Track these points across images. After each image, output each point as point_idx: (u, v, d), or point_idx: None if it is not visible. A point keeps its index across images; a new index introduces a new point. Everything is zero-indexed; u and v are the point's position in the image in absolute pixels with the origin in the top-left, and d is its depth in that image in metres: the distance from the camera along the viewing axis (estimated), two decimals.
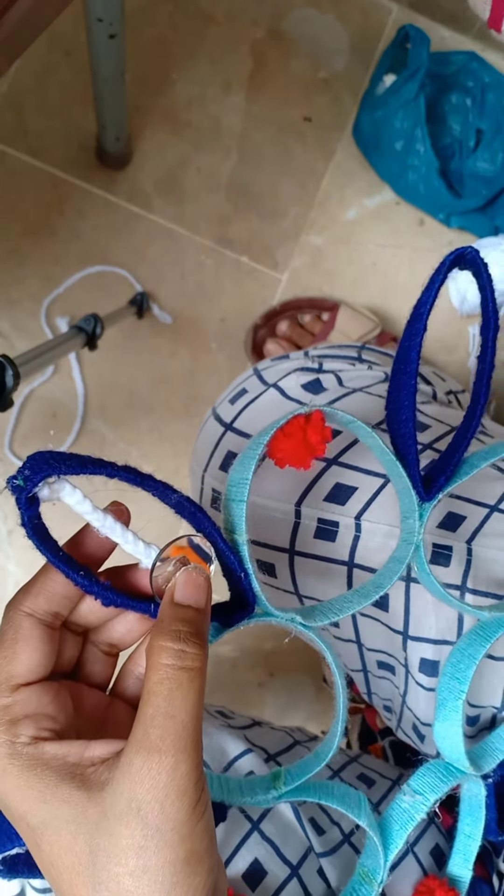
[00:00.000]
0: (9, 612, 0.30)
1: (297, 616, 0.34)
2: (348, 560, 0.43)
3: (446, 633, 0.43)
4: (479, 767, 0.40)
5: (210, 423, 0.52)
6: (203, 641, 0.28)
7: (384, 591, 0.35)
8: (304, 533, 0.44)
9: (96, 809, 0.26)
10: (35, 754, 0.27)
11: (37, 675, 0.29)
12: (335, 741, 0.36)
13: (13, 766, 0.27)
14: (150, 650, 0.28)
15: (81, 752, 0.28)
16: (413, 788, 0.39)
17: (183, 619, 0.28)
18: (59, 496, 0.29)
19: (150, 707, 0.27)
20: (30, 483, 0.28)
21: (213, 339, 1.07)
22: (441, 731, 0.38)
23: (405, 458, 0.35)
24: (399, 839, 0.38)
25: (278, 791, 0.36)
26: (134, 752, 0.26)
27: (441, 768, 0.40)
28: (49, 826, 0.27)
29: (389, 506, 0.43)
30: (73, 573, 0.29)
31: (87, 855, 0.26)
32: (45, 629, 0.30)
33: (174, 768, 0.26)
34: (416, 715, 0.47)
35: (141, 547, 0.31)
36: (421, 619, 0.43)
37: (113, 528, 0.30)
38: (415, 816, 0.39)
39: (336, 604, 0.35)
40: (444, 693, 0.37)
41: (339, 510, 0.44)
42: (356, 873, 0.41)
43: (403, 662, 0.46)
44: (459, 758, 0.39)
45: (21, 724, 0.28)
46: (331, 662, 0.35)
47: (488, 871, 0.49)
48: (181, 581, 0.30)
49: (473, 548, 0.42)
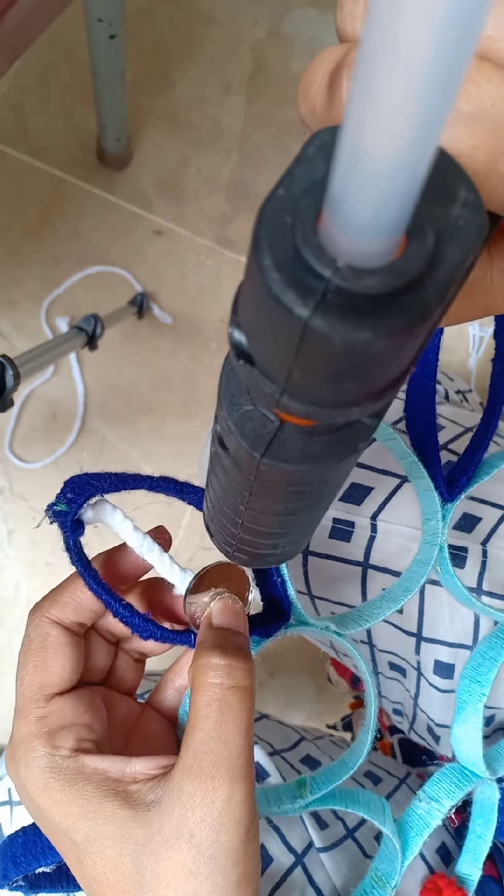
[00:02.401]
0: (34, 619, 0.30)
1: (331, 625, 0.34)
2: (363, 561, 0.43)
3: (462, 635, 0.43)
4: (494, 771, 0.40)
5: None
6: (250, 658, 0.27)
7: (411, 595, 0.35)
8: (319, 533, 0.44)
9: (143, 830, 0.25)
10: (76, 768, 0.27)
11: (69, 683, 0.29)
12: (364, 749, 0.35)
13: (55, 780, 0.27)
14: (195, 670, 0.27)
15: (123, 769, 0.27)
16: (429, 794, 0.39)
17: (225, 637, 0.28)
18: (101, 518, 0.29)
19: (199, 731, 0.26)
20: (74, 505, 0.27)
21: (213, 339, 1.07)
22: (459, 733, 0.38)
23: (427, 459, 0.35)
24: (415, 846, 0.38)
25: (305, 799, 0.35)
26: (185, 779, 0.25)
27: (456, 773, 0.40)
28: (94, 843, 0.26)
29: (405, 507, 0.43)
30: (116, 604, 0.29)
31: (134, 875, 0.25)
32: (73, 637, 0.29)
33: (229, 797, 0.25)
34: (431, 717, 0.47)
35: (177, 572, 0.30)
36: (436, 622, 0.43)
37: (151, 549, 0.30)
38: (430, 823, 0.38)
39: (366, 610, 0.35)
40: (464, 696, 0.37)
41: (354, 510, 0.44)
42: (368, 876, 0.41)
43: (416, 665, 0.46)
44: (476, 761, 0.38)
45: (59, 736, 0.27)
46: (364, 672, 0.35)
47: (499, 870, 0.50)
48: (217, 609, 0.29)
49: (488, 549, 0.42)
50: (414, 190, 0.11)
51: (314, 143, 0.14)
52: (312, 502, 0.21)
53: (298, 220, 0.12)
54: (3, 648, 1.04)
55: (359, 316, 0.12)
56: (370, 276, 0.12)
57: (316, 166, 0.13)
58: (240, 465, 0.19)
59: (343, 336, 0.12)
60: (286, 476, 0.18)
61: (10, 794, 0.45)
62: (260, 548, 0.25)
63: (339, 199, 0.11)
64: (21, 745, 0.28)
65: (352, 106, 0.10)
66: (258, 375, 0.15)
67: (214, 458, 0.22)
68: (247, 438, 0.18)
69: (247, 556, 0.26)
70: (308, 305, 0.12)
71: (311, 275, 0.12)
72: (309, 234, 0.12)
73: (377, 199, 0.11)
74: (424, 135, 0.10)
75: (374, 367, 0.14)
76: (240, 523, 0.23)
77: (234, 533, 0.24)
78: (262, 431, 0.18)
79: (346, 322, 0.12)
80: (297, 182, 0.13)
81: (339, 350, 0.13)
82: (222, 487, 0.22)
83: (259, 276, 0.13)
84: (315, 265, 0.12)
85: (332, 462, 0.18)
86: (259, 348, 0.15)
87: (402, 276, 0.12)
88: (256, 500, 0.21)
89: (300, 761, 0.48)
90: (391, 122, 0.10)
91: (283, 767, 0.46)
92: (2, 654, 1.04)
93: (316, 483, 0.19)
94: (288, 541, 0.25)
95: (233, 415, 0.18)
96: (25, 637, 0.30)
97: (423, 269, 0.12)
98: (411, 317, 0.12)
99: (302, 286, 0.12)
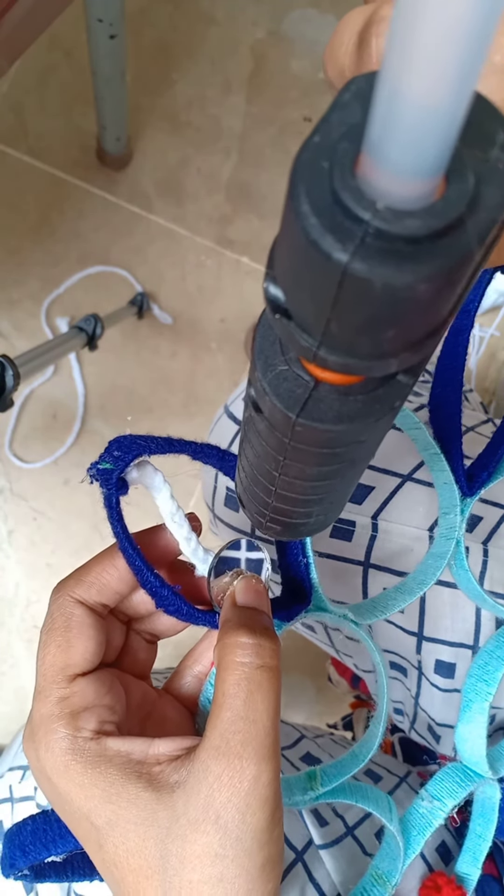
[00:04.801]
0: (58, 597, 0.29)
1: (349, 613, 0.33)
2: (364, 560, 0.43)
3: (463, 635, 0.43)
4: (496, 771, 0.40)
5: (223, 421, 0.52)
6: (277, 638, 0.27)
7: (427, 588, 0.35)
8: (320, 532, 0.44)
9: (167, 813, 0.25)
10: (98, 750, 0.26)
11: (91, 664, 0.28)
12: (376, 741, 0.35)
13: (76, 762, 0.26)
14: (222, 649, 0.27)
15: (146, 750, 0.27)
16: (431, 794, 0.39)
17: (251, 616, 0.28)
18: (143, 479, 0.28)
19: (227, 710, 0.25)
20: (121, 463, 0.27)
21: (213, 339, 1.07)
22: (464, 732, 0.38)
23: (449, 452, 0.35)
24: (417, 845, 0.38)
25: (316, 791, 0.35)
26: (212, 759, 0.25)
27: (459, 772, 0.39)
28: (116, 826, 0.25)
29: (406, 506, 0.43)
30: (148, 573, 0.28)
31: (158, 859, 0.25)
32: (96, 618, 0.29)
33: (256, 777, 0.24)
34: (432, 716, 0.47)
35: (200, 552, 0.30)
36: (437, 621, 0.43)
37: (182, 523, 0.30)
38: (433, 822, 0.38)
39: (382, 601, 0.35)
40: (470, 694, 0.37)
41: (355, 509, 0.44)
42: (368, 874, 0.41)
43: (416, 664, 0.46)
44: (479, 761, 0.38)
45: (81, 717, 0.27)
46: (378, 663, 0.35)
47: (498, 869, 0.50)
48: (241, 588, 0.29)
49: (489, 549, 0.42)
50: (453, 130, 0.11)
51: (350, 89, 0.13)
52: (347, 465, 0.21)
53: (336, 164, 0.12)
54: (2, 648, 1.04)
55: (399, 259, 0.12)
56: (410, 217, 0.12)
57: (352, 112, 0.13)
58: (274, 426, 0.19)
59: (384, 280, 0.12)
60: (322, 436, 0.18)
61: (11, 791, 0.45)
62: (293, 516, 0.25)
63: (380, 140, 0.11)
64: (41, 726, 0.27)
65: (391, 49, 0.10)
66: (295, 328, 0.15)
67: (248, 424, 0.22)
68: (282, 399, 0.18)
69: (280, 527, 0.26)
70: (347, 249, 0.12)
71: (350, 219, 0.12)
72: (347, 177, 0.12)
73: (418, 138, 0.11)
74: (463, 74, 0.10)
75: (414, 313, 0.13)
76: (273, 490, 0.23)
77: (266, 502, 0.24)
78: (298, 391, 0.17)
79: (387, 265, 0.12)
80: (334, 128, 0.13)
81: (379, 295, 0.12)
82: (256, 454, 0.22)
83: (297, 222, 0.12)
84: (354, 208, 0.12)
85: (369, 421, 0.18)
86: (296, 300, 0.15)
87: (442, 218, 0.12)
88: (291, 465, 0.20)
89: (300, 759, 0.48)
90: (431, 62, 0.10)
91: (283, 765, 0.46)
92: (2, 655, 1.04)
93: (352, 444, 0.19)
94: (321, 509, 0.24)
95: (267, 375, 0.18)
96: (48, 616, 0.29)
97: (463, 211, 0.12)
98: (453, 259, 0.12)
99: (341, 230, 0.12)
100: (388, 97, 0.11)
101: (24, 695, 1.04)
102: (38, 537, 1.04)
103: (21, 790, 0.45)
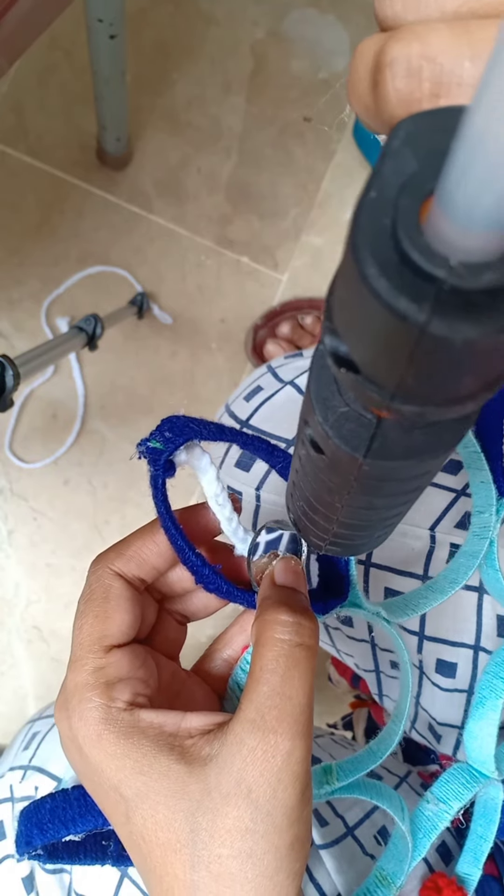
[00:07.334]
0: (97, 569, 0.29)
1: (382, 610, 0.33)
2: (365, 560, 0.43)
3: (465, 635, 0.43)
4: (501, 771, 0.40)
5: (225, 420, 0.52)
6: (315, 619, 0.27)
7: (458, 587, 0.35)
8: None
9: (198, 786, 0.25)
10: (131, 721, 0.26)
11: (127, 637, 0.28)
12: (395, 738, 0.35)
13: (109, 732, 0.26)
14: (261, 625, 0.27)
15: (178, 723, 0.27)
16: (437, 796, 0.39)
17: (290, 595, 0.28)
18: (192, 461, 0.29)
19: (264, 685, 0.25)
20: (171, 445, 0.27)
21: (213, 339, 1.07)
22: (474, 729, 0.38)
23: (488, 451, 0.34)
24: (423, 847, 0.38)
25: (332, 786, 0.35)
26: (246, 732, 0.25)
27: (465, 774, 0.39)
28: (146, 799, 0.25)
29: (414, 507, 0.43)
30: (189, 551, 0.28)
31: (188, 833, 0.25)
32: (133, 591, 0.29)
33: (290, 753, 0.24)
34: (433, 715, 0.47)
35: (241, 533, 0.31)
36: (439, 621, 0.43)
37: (225, 503, 0.30)
38: (438, 825, 0.38)
39: (413, 599, 0.35)
40: (485, 691, 0.37)
41: None
42: (373, 875, 0.41)
43: (417, 664, 0.46)
44: (486, 760, 0.38)
45: (116, 688, 0.27)
46: (405, 662, 0.34)
47: (499, 869, 0.50)
48: (280, 568, 0.29)
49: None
50: None
51: (398, 136, 0.13)
52: (417, 491, 0.20)
53: (400, 222, 0.12)
54: (2, 648, 1.04)
55: (478, 312, 0.12)
56: (487, 270, 0.11)
57: (405, 161, 0.13)
58: (338, 466, 0.19)
59: (464, 335, 0.12)
60: (391, 472, 0.18)
61: (12, 790, 0.45)
62: (356, 539, 0.24)
63: (454, 193, 0.11)
64: (75, 695, 0.27)
65: (482, 97, 0.10)
66: (364, 382, 0.14)
67: (306, 461, 0.21)
68: (346, 441, 0.17)
69: (340, 548, 0.26)
70: (424, 310, 0.12)
71: (421, 277, 0.12)
72: (414, 234, 0.12)
73: (500, 189, 0.10)
74: None
75: (494, 360, 0.13)
76: (335, 519, 0.22)
77: (327, 528, 0.24)
78: (362, 431, 0.17)
79: (466, 321, 0.12)
80: (389, 180, 0.12)
81: (458, 350, 0.12)
82: (315, 489, 0.22)
83: (364, 285, 0.12)
84: (426, 266, 0.12)
85: (439, 452, 0.17)
86: (364, 356, 0.14)
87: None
88: (356, 497, 0.20)
89: None
90: None
91: None
92: (1, 655, 1.04)
93: (423, 475, 0.19)
94: (384, 531, 0.24)
95: (329, 419, 0.17)
96: (87, 587, 0.29)
97: None
98: None
99: (413, 289, 0.12)
100: (472, 145, 0.10)
101: (24, 695, 1.04)
102: (38, 537, 1.04)
103: (21, 790, 0.45)
